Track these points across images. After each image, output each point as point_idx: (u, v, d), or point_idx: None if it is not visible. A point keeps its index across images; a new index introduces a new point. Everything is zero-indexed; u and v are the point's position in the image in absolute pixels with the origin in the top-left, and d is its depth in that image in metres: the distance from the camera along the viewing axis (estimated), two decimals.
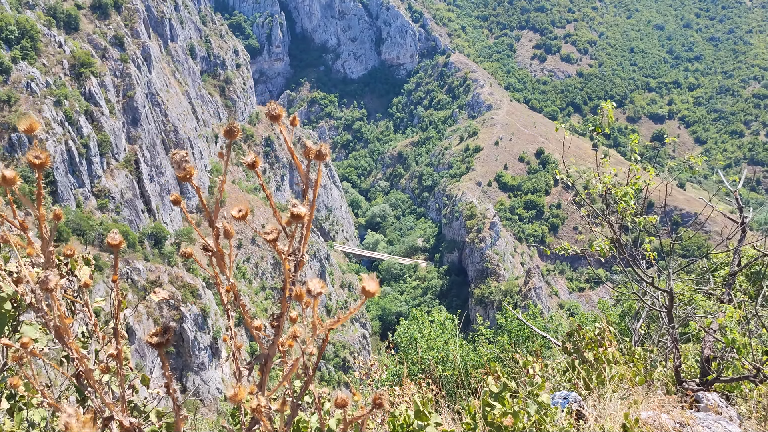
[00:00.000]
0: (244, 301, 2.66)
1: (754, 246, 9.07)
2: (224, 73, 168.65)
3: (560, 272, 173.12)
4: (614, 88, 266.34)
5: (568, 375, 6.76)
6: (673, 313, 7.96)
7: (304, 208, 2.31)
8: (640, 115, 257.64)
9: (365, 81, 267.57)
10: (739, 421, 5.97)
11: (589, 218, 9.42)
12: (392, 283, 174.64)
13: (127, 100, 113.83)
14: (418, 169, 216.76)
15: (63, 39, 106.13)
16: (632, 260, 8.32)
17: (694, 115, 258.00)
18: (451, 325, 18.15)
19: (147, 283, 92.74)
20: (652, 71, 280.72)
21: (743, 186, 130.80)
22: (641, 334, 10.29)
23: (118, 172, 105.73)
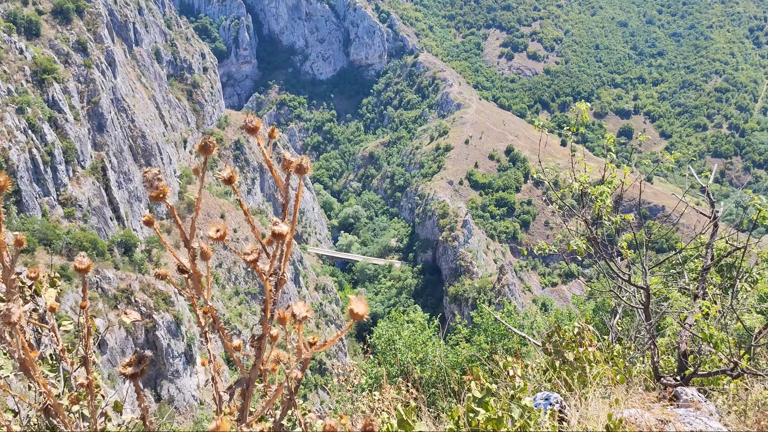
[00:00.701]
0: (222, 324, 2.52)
1: (727, 240, 9.18)
2: (191, 76, 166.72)
3: (533, 268, 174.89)
4: (581, 84, 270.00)
5: (549, 375, 6.76)
6: (649, 309, 8.03)
7: (285, 226, 2.27)
8: (607, 111, 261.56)
9: (334, 82, 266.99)
10: (718, 415, 6.01)
11: (562, 216, 9.44)
12: (367, 284, 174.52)
13: (91, 106, 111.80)
14: (390, 169, 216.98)
15: (24, 45, 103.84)
16: (608, 258, 8.36)
17: (659, 110, 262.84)
18: (429, 325, 18.14)
19: (118, 292, 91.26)
20: (617, 67, 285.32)
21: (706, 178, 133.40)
22: (618, 330, 10.37)
23: (85, 180, 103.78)
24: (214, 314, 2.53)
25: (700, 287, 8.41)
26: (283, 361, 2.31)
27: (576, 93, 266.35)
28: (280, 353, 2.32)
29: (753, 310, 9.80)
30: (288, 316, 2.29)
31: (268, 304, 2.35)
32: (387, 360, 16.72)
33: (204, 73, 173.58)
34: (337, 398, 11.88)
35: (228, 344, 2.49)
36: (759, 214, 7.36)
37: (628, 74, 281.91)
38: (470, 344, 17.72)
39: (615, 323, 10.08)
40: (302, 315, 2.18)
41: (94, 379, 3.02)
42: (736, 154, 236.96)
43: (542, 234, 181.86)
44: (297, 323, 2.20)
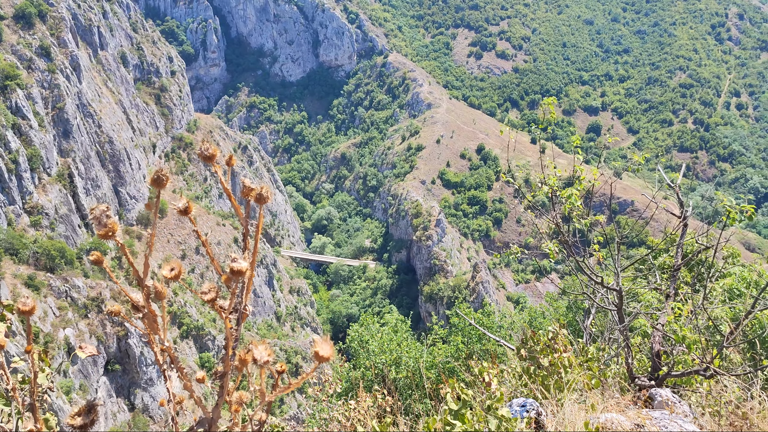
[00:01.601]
0: (182, 364, 2.47)
1: (697, 240, 9.30)
2: (159, 80, 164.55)
3: (506, 265, 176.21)
4: (549, 82, 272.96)
5: (524, 380, 6.76)
6: (622, 310, 8.10)
7: (245, 262, 2.18)
8: (575, 108, 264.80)
9: (304, 84, 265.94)
10: (692, 416, 6.07)
11: (536, 216, 9.48)
12: (342, 286, 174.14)
13: (56, 112, 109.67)
14: (362, 170, 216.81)
15: None
16: (581, 260, 8.41)
17: (626, 106, 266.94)
18: (403, 327, 18.11)
19: (88, 300, 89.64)
20: (584, 65, 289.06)
21: (674, 171, 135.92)
22: (592, 330, 10.44)
23: (51, 187, 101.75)
24: (171, 354, 2.46)
25: (672, 286, 8.50)
26: (246, 402, 2.28)
27: (545, 91, 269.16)
28: (242, 394, 2.26)
29: (720, 304, 9.95)
30: (249, 360, 2.19)
31: (229, 341, 2.27)
32: (361, 363, 16.66)
33: (172, 77, 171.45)
34: (312, 408, 11.77)
35: (188, 385, 2.41)
36: (728, 216, 7.46)
37: (595, 71, 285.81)
38: (447, 345, 17.76)
39: (588, 324, 10.16)
40: (263, 360, 2.09)
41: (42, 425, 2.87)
42: (701, 148, 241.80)
43: (515, 231, 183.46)
44: (259, 368, 2.13)
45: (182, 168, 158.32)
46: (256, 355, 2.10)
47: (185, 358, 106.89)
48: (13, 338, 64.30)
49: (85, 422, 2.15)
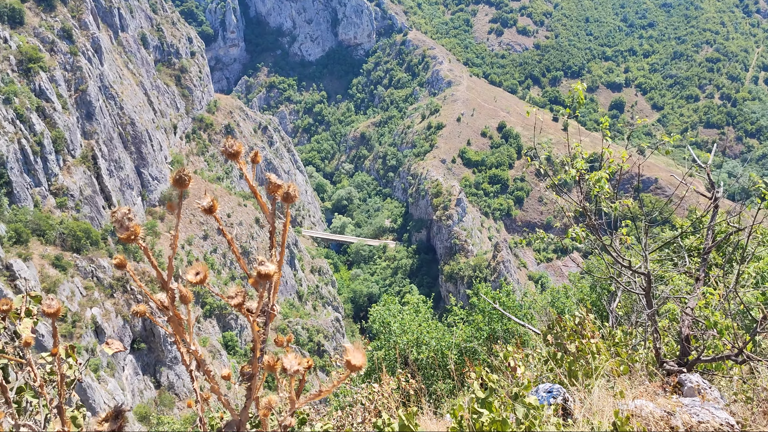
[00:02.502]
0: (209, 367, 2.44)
1: (728, 222, 9.09)
2: (179, 61, 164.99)
3: (528, 244, 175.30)
4: (571, 58, 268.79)
5: (550, 365, 6.68)
6: (651, 295, 7.95)
7: (272, 265, 2.16)
8: (598, 85, 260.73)
9: (323, 63, 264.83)
10: (723, 402, 5.96)
11: (561, 198, 9.30)
12: (362, 265, 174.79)
13: (79, 94, 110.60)
14: (382, 149, 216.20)
15: (8, 34, 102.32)
16: (608, 243, 8.26)
17: (650, 82, 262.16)
18: (424, 307, 18.11)
19: (113, 280, 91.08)
20: (607, 40, 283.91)
21: (699, 149, 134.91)
22: (618, 313, 10.29)
23: (76, 169, 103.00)
24: (198, 357, 2.43)
25: (702, 269, 8.33)
26: (274, 407, 2.25)
27: (567, 67, 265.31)
28: (271, 399, 2.23)
29: (752, 288, 9.75)
30: (278, 368, 2.16)
31: (256, 344, 2.24)
32: (382, 345, 16.71)
33: (192, 58, 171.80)
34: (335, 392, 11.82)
35: (215, 387, 2.39)
36: (763, 198, 7.25)
37: (618, 47, 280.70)
38: (468, 324, 17.72)
39: (615, 307, 10.00)
40: (294, 369, 2.06)
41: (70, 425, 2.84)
42: (728, 124, 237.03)
43: (536, 210, 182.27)
44: (289, 377, 2.09)
45: (203, 149, 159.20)
46: (287, 365, 2.07)
47: (208, 336, 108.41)
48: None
49: (113, 429, 2.12)
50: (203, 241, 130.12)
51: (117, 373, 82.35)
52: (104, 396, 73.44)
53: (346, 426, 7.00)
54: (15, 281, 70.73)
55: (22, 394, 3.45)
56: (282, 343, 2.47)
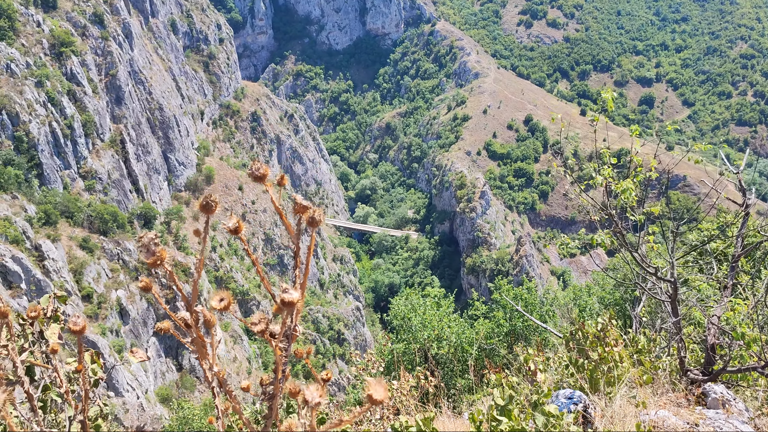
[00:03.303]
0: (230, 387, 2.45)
1: (759, 231, 8.90)
2: (207, 48, 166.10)
3: (551, 239, 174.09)
4: (601, 52, 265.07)
5: (571, 370, 6.63)
6: (677, 302, 7.83)
7: (296, 293, 2.19)
8: (628, 79, 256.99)
9: (351, 52, 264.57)
10: (748, 415, 5.86)
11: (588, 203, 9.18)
12: (384, 255, 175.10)
13: (109, 79, 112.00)
14: (407, 140, 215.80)
15: (41, 18, 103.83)
16: (635, 251, 8.14)
17: (682, 77, 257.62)
18: (446, 301, 18.09)
19: (138, 263, 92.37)
20: (639, 34, 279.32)
21: (730, 146, 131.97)
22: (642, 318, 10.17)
23: (104, 153, 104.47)
24: (221, 378, 2.45)
25: (730, 276, 8.17)
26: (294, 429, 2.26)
27: (596, 61, 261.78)
28: (292, 423, 2.24)
29: None
30: (300, 400, 2.14)
31: (278, 366, 2.25)
32: (402, 338, 16.73)
33: (220, 45, 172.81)
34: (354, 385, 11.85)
35: (237, 407, 2.40)
36: None
37: (650, 41, 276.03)
38: (488, 320, 17.68)
39: (639, 312, 9.87)
40: (315, 401, 2.03)
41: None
42: (761, 122, 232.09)
43: (561, 204, 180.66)
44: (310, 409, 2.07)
45: (229, 135, 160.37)
46: (308, 397, 2.04)
47: (230, 322, 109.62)
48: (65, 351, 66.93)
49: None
50: None
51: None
52: (127, 377, 74.78)
53: (364, 423, 7.06)
54: (43, 261, 72.15)
55: (47, 392, 3.54)
56: (301, 356, 2.52)
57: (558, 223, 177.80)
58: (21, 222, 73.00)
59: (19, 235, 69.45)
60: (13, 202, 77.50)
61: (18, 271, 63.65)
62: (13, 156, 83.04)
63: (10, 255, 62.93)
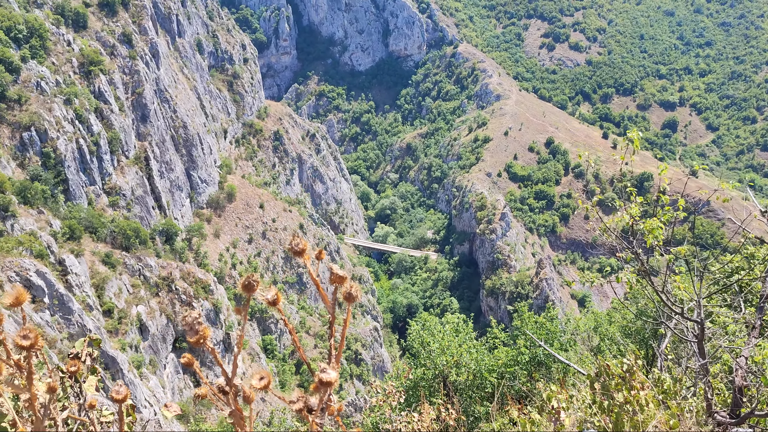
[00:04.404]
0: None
1: None
2: (232, 67, 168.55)
3: (571, 262, 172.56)
4: (624, 75, 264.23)
5: (594, 409, 6.54)
6: (704, 343, 7.71)
7: (334, 372, 2.23)
8: (651, 103, 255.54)
9: (373, 73, 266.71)
10: None
11: (615, 243, 9.11)
12: (403, 276, 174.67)
13: (135, 97, 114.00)
14: (427, 160, 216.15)
15: (72, 37, 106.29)
16: (662, 291, 8.05)
17: (706, 102, 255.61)
18: (465, 327, 17.99)
19: (159, 279, 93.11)
20: (662, 58, 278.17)
21: (755, 172, 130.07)
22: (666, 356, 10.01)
23: (129, 169, 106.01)
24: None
25: (758, 316, 8.01)
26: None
27: (619, 84, 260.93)
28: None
29: None
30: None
31: None
32: (422, 363, 16.66)
33: (244, 64, 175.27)
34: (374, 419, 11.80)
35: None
36: None
37: (673, 65, 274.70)
38: (508, 347, 17.55)
39: (663, 348, 9.73)
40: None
41: None
42: None
43: (581, 227, 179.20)
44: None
45: (251, 154, 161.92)
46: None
47: (248, 339, 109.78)
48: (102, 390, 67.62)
49: None
50: (248, 244, 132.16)
51: (159, 370, 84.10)
52: (145, 393, 75.06)
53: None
54: (66, 276, 73.04)
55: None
56: (333, 413, 2.55)
57: (579, 246, 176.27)
58: (46, 237, 74.12)
59: (43, 249, 70.49)
60: (39, 217, 78.78)
61: (42, 285, 64.49)
62: (40, 172, 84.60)
63: (34, 269, 63.84)
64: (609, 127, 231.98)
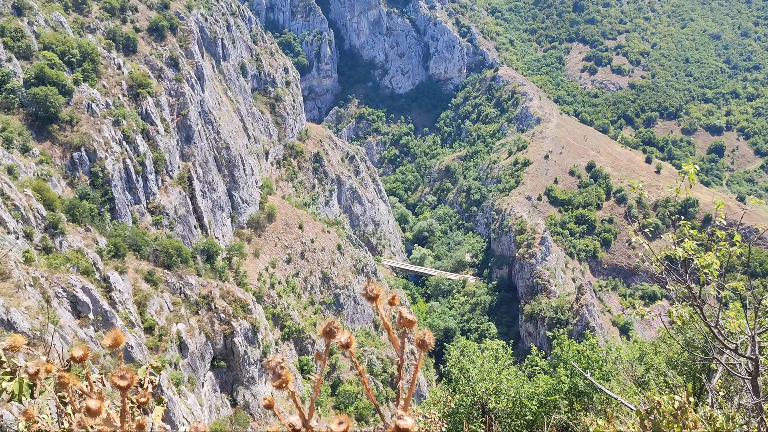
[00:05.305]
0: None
1: None
2: (274, 90, 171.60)
3: (613, 288, 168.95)
4: (668, 99, 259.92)
5: None
6: (758, 381, 7.42)
7: (410, 419, 2.25)
8: (696, 127, 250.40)
9: (412, 96, 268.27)
10: None
11: (661, 273, 8.87)
12: (440, 299, 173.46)
13: (180, 119, 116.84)
14: (466, 183, 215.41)
15: (122, 61, 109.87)
16: (714, 327, 7.79)
17: (754, 126, 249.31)
18: (504, 353, 17.73)
19: (199, 298, 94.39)
20: (708, 81, 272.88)
21: None
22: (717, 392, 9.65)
23: (172, 189, 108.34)
24: None
25: None
26: None
27: (663, 108, 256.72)
28: None
29: None
30: None
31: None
32: (460, 389, 16.43)
33: (287, 87, 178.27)
34: None
35: None
36: None
37: (720, 89, 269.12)
38: (548, 375, 17.19)
39: (715, 384, 9.38)
40: None
41: None
42: None
43: (624, 253, 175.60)
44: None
45: (292, 175, 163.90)
46: None
47: (285, 359, 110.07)
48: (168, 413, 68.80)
49: None
50: (286, 264, 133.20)
51: (197, 388, 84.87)
52: (183, 410, 75.75)
53: None
54: (110, 293, 74.62)
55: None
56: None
57: (621, 272, 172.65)
58: (92, 254, 76.01)
59: (89, 266, 72.24)
60: (86, 235, 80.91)
61: (87, 301, 65.99)
62: (88, 190, 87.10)
63: (80, 285, 65.41)
64: (652, 151, 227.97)
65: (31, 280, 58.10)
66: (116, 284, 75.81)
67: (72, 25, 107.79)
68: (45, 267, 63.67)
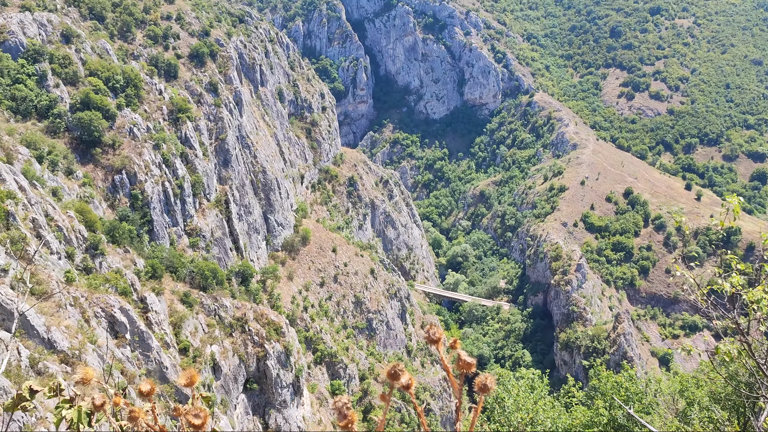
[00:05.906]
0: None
1: None
2: (311, 115, 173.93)
3: (652, 317, 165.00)
4: (708, 125, 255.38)
5: None
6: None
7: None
8: (738, 153, 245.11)
9: (447, 121, 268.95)
10: None
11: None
12: (474, 325, 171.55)
13: (218, 143, 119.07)
14: (501, 208, 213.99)
15: (163, 86, 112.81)
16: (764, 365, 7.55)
17: None
18: (540, 383, 17.36)
19: (233, 320, 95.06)
20: (750, 108, 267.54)
21: None
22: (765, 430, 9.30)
23: (209, 212, 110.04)
24: None
25: None
26: None
27: (702, 134, 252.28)
28: None
29: None
30: None
31: None
32: (495, 419, 16.11)
33: (323, 112, 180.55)
34: None
35: None
36: None
37: (762, 115, 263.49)
38: (586, 408, 16.75)
39: (762, 423, 9.03)
40: None
41: None
42: None
43: (663, 282, 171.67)
44: None
45: (326, 199, 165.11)
46: None
47: (317, 383, 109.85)
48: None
49: None
50: (320, 287, 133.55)
51: (229, 411, 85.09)
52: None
53: None
54: (147, 314, 75.70)
55: None
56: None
57: (659, 301, 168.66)
58: (130, 275, 77.37)
59: (127, 287, 73.50)
60: (125, 256, 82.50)
61: (124, 321, 67.05)
62: (128, 212, 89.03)
63: (118, 306, 66.54)
64: (692, 177, 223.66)
65: (71, 300, 59.36)
66: (153, 305, 76.88)
67: (117, 52, 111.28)
68: (85, 287, 65.00)
